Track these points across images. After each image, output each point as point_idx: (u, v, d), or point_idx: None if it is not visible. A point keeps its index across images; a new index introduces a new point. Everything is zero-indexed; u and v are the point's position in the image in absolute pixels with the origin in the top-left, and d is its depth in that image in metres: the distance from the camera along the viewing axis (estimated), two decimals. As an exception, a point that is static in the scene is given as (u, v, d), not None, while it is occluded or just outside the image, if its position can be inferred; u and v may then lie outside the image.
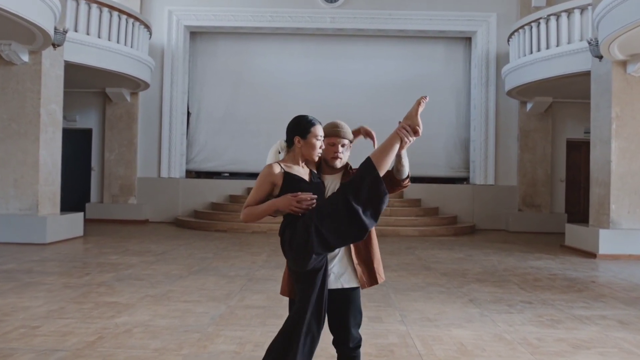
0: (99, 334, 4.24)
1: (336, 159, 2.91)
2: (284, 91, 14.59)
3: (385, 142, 2.76)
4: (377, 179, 2.67)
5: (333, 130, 2.91)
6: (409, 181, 3.00)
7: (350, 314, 2.83)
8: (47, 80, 9.87)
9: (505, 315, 5.07)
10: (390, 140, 2.76)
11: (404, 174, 2.94)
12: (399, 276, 7.09)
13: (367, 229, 2.68)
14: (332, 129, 2.93)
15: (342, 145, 2.92)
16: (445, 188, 14.41)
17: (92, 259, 8.23)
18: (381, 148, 2.75)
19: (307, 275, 2.70)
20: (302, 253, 2.63)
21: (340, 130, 2.91)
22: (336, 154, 2.90)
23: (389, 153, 2.73)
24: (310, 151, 2.85)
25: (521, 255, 9.27)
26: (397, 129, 2.79)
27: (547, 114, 13.96)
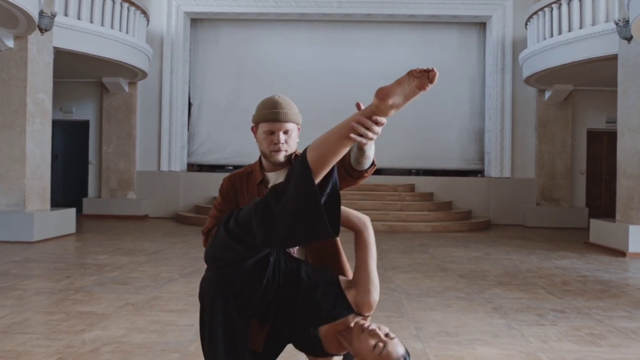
0: (59, 354, 3.59)
1: (277, 152, 2.24)
2: (289, 80, 13.87)
3: (330, 135, 1.94)
4: (306, 185, 1.88)
5: (270, 113, 2.21)
6: (372, 170, 2.24)
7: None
8: (34, 68, 9.23)
9: (537, 329, 4.37)
10: (336, 134, 1.92)
11: (366, 164, 2.19)
12: (413, 279, 6.40)
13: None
14: (269, 111, 2.24)
15: (284, 132, 2.24)
16: (459, 181, 13.69)
17: (78, 259, 7.60)
18: (322, 141, 1.94)
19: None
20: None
21: (279, 113, 2.20)
22: (276, 146, 2.22)
23: (331, 151, 1.91)
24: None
25: (544, 254, 8.56)
26: (352, 121, 1.92)
27: (567, 102, 13.19)
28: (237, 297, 2.18)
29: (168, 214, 13.54)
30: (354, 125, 1.90)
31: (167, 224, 12.20)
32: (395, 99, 1.89)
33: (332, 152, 1.92)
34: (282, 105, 2.26)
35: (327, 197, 1.94)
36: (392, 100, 1.89)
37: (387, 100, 1.89)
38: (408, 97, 1.90)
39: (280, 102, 2.26)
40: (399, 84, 1.89)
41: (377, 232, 10.13)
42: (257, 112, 2.38)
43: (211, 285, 2.26)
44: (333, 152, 1.92)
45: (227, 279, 2.19)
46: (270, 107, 2.27)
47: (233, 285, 2.18)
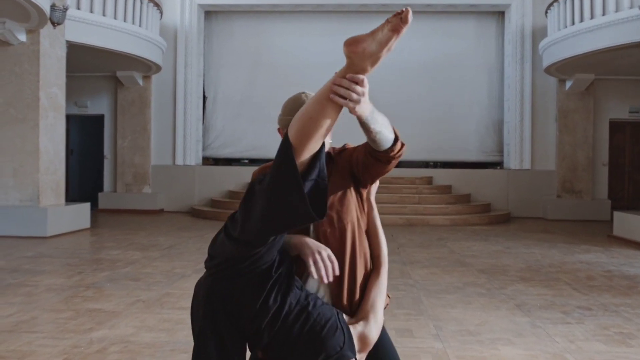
0: (65, 355, 3.47)
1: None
2: (304, 73, 13.66)
3: (309, 104, 1.76)
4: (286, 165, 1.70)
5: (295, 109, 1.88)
6: (400, 149, 1.94)
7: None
8: (46, 62, 9.15)
9: (563, 327, 4.17)
10: (315, 101, 1.75)
11: (383, 142, 1.89)
12: (431, 274, 6.22)
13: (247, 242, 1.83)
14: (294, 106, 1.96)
15: None
16: (478, 174, 13.43)
17: (91, 254, 7.52)
18: (302, 112, 1.76)
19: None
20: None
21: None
22: None
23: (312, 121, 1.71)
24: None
25: (566, 248, 8.32)
26: (331, 82, 1.72)
27: (589, 92, 12.86)
28: (226, 311, 1.99)
29: (183, 208, 13.45)
30: (332, 86, 1.69)
31: (182, 219, 12.11)
32: (367, 45, 1.66)
33: (314, 122, 1.72)
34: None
35: (314, 183, 1.75)
36: (363, 46, 1.65)
37: (357, 47, 1.66)
38: (382, 44, 1.66)
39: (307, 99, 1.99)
40: (372, 32, 1.67)
41: (395, 226, 9.99)
42: (284, 117, 2.11)
43: (200, 290, 2.08)
44: (315, 122, 1.72)
45: (218, 287, 2.00)
46: (296, 101, 2.06)
47: (222, 295, 1.99)
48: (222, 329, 1.96)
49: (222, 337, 1.97)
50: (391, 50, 1.68)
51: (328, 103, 1.70)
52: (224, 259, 1.96)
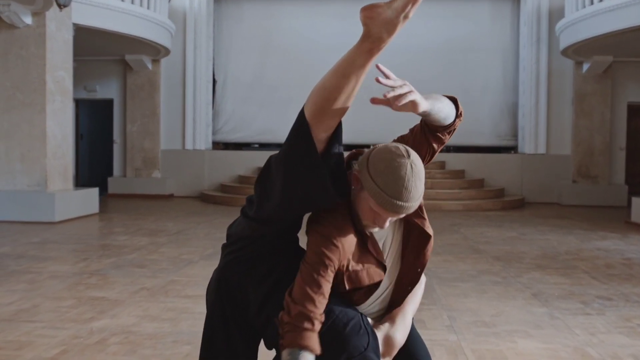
0: (64, 346, 3.34)
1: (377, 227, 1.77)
2: (315, 55, 13.43)
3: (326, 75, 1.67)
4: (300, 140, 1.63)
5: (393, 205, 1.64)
6: (457, 121, 1.88)
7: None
8: (53, 45, 9.00)
9: (582, 318, 3.99)
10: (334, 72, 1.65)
11: (449, 118, 1.83)
12: (444, 261, 6.05)
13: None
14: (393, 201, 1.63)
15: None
16: (491, 158, 13.20)
17: (98, 240, 7.42)
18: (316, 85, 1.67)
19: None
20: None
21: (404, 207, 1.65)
22: (377, 226, 1.74)
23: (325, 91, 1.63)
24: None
25: (583, 234, 8.11)
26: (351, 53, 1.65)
27: (606, 75, 12.54)
28: (235, 299, 1.86)
29: (193, 193, 13.35)
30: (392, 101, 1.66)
31: (192, 203, 12.01)
32: (383, 11, 1.55)
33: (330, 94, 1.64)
34: (411, 196, 1.64)
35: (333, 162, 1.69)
36: (379, 11, 1.56)
37: (373, 11, 1.56)
38: (399, 10, 1.55)
39: (411, 192, 1.63)
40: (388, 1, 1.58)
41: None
42: (376, 189, 1.65)
43: (213, 275, 1.97)
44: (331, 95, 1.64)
45: (229, 271, 1.88)
46: (397, 197, 1.62)
47: (232, 281, 1.87)
48: (230, 318, 1.87)
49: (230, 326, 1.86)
50: (408, 19, 1.57)
51: (346, 75, 1.63)
52: (239, 237, 1.87)
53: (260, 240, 1.83)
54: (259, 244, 1.84)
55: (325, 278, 1.69)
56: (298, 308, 1.66)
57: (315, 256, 1.70)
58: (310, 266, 1.69)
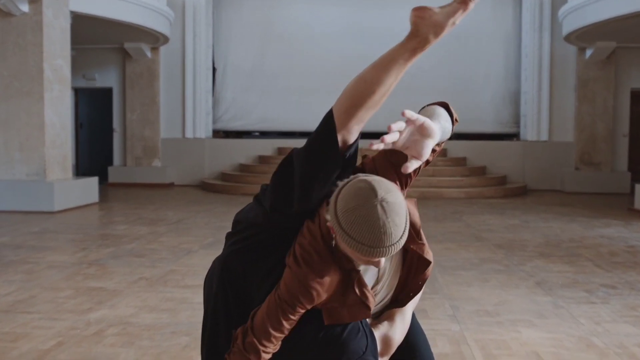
0: (60, 337, 3.29)
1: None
2: (316, 43, 13.34)
3: (366, 69, 1.66)
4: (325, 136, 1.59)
5: (372, 251, 1.48)
6: (443, 145, 1.76)
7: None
8: (50, 33, 8.90)
9: (587, 307, 3.94)
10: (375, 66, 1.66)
11: (446, 136, 1.75)
12: (446, 249, 6.00)
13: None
14: (371, 248, 1.47)
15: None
16: (493, 145, 13.11)
17: (97, 229, 7.37)
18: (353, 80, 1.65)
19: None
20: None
21: (386, 250, 1.48)
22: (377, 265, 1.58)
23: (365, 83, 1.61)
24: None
25: (586, 222, 8.04)
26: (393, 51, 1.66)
27: (610, 61, 12.42)
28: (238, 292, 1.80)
29: (194, 182, 13.29)
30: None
31: (193, 192, 11.95)
32: (434, 13, 1.60)
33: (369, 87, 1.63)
34: (394, 237, 1.47)
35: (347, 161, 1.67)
36: (430, 13, 1.60)
37: (424, 12, 1.60)
38: (449, 15, 1.59)
39: (392, 233, 1.46)
40: (440, 7, 1.63)
41: (408, 200, 9.75)
42: (354, 243, 1.48)
43: (216, 265, 1.90)
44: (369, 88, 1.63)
45: (233, 261, 1.81)
46: (378, 244, 1.46)
47: (236, 272, 1.80)
48: (233, 309, 1.79)
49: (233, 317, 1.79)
50: (455, 25, 1.63)
51: (387, 70, 1.64)
52: (249, 224, 1.79)
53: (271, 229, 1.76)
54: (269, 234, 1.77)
55: (291, 319, 1.62)
56: (252, 338, 1.63)
57: (287, 295, 1.59)
58: (278, 302, 1.60)
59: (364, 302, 1.63)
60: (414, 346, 1.87)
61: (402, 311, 1.77)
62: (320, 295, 1.60)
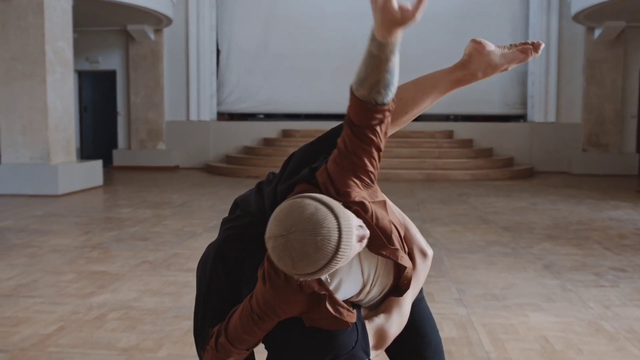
0: (62, 322, 3.26)
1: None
2: (322, 23, 13.18)
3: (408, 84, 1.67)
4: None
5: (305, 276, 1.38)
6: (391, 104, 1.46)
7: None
8: (51, 14, 8.80)
9: (596, 291, 3.87)
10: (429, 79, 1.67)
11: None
12: (452, 232, 5.93)
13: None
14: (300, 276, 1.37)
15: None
16: (500, 127, 12.99)
17: (101, 213, 7.33)
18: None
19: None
20: None
21: (314, 274, 1.35)
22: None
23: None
24: None
25: (594, 204, 7.95)
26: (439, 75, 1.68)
27: (619, 41, 12.24)
28: (231, 280, 1.73)
29: (198, 165, 13.24)
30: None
31: (197, 175, 11.90)
32: (493, 53, 1.60)
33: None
34: (306, 265, 1.32)
35: None
36: (489, 51, 1.59)
37: (484, 48, 1.59)
38: (507, 60, 1.61)
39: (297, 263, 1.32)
40: (500, 46, 1.64)
41: (414, 181, 9.67)
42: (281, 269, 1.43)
43: (210, 251, 1.83)
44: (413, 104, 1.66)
45: (227, 248, 1.74)
46: (295, 273, 1.36)
47: (229, 259, 1.73)
48: (227, 296, 1.73)
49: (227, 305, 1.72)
50: (507, 70, 1.65)
51: (425, 94, 1.64)
52: (246, 212, 1.72)
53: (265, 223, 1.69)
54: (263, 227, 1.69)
55: (263, 327, 1.54)
56: (224, 339, 1.58)
57: (256, 306, 1.52)
58: (249, 311, 1.53)
59: (340, 318, 1.51)
60: (420, 331, 1.81)
61: (399, 303, 1.68)
62: (287, 313, 1.52)
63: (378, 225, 1.53)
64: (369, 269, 1.59)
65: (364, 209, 1.53)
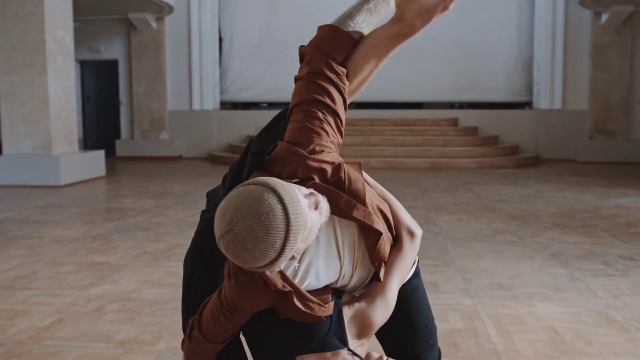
0: (59, 314, 3.20)
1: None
2: (324, 9, 12.76)
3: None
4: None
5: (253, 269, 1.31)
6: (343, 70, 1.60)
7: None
8: (51, 3, 8.70)
9: (605, 280, 3.79)
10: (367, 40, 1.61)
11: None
12: (458, 220, 5.85)
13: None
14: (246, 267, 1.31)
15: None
16: (505, 114, 12.86)
17: (103, 203, 7.27)
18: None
19: None
20: None
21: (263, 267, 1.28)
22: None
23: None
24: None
25: (600, 192, 7.85)
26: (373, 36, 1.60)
27: (626, 26, 12.06)
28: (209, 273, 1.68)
29: (202, 154, 13.17)
30: None
31: (201, 164, 11.84)
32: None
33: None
34: (250, 266, 1.27)
35: None
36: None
37: None
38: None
39: (248, 262, 1.25)
40: None
41: (419, 169, 9.57)
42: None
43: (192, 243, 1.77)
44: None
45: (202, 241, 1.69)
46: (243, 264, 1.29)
47: (205, 253, 1.68)
48: (207, 291, 1.67)
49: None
50: (448, 10, 1.49)
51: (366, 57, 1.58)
52: (215, 202, 1.67)
53: None
54: None
55: (233, 321, 1.49)
56: (197, 332, 1.54)
57: (225, 301, 1.46)
58: (219, 305, 1.48)
59: (310, 313, 1.43)
60: (414, 324, 1.71)
61: (383, 288, 1.58)
62: (255, 308, 1.46)
63: (351, 187, 1.45)
64: (347, 250, 1.49)
65: (337, 169, 1.47)
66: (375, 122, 12.08)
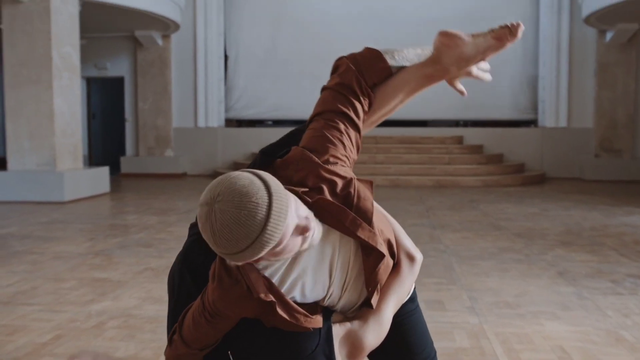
0: (59, 330, 3.15)
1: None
2: (329, 27, 13.08)
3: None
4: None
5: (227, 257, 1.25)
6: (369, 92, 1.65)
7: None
8: (58, 19, 8.76)
9: (614, 298, 3.72)
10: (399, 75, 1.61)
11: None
12: (463, 238, 5.79)
13: None
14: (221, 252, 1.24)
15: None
16: (510, 132, 12.83)
17: (107, 220, 7.24)
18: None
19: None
20: None
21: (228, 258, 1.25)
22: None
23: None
24: None
25: (607, 210, 7.78)
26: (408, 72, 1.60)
27: (631, 44, 12.06)
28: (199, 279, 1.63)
29: (207, 172, 13.17)
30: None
31: (205, 182, 11.80)
32: (463, 44, 1.46)
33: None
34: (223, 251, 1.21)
35: None
36: (458, 43, 1.46)
37: (452, 40, 1.46)
38: (480, 51, 1.47)
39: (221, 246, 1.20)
40: (472, 34, 1.50)
41: (424, 187, 9.53)
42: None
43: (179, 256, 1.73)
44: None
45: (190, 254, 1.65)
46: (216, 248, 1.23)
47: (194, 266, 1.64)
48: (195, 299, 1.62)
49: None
50: (484, 61, 1.52)
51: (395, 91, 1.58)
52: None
53: None
54: None
55: (217, 327, 1.45)
56: (178, 337, 1.51)
57: (208, 305, 1.42)
58: (202, 310, 1.44)
59: (297, 324, 1.39)
60: (411, 347, 1.65)
61: (377, 311, 1.52)
62: (238, 314, 1.42)
63: (359, 205, 1.41)
64: (340, 268, 1.44)
65: (348, 184, 1.42)
66: (380, 140, 12.06)
